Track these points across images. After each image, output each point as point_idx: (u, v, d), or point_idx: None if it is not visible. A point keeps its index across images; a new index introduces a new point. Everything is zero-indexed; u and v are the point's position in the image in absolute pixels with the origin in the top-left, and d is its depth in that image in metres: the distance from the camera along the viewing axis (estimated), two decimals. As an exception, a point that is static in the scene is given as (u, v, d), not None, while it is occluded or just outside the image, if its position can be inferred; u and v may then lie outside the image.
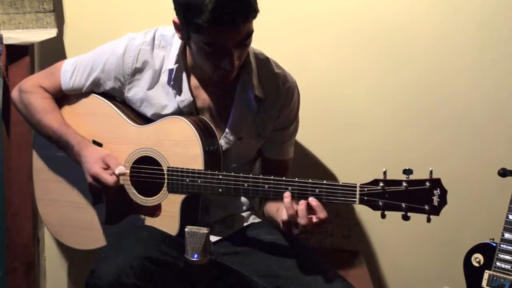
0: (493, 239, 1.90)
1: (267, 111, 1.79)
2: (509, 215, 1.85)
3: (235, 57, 1.59)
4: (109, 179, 1.69)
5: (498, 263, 1.87)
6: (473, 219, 2.22)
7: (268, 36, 2.11)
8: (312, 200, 1.55)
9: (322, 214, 1.55)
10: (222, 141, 1.76)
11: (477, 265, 1.91)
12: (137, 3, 2.16)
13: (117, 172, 1.71)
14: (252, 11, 1.54)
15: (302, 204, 1.55)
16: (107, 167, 1.72)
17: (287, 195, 1.57)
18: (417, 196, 1.49)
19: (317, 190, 1.57)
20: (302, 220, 1.55)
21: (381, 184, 1.51)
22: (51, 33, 2.12)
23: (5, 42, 2.10)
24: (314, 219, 1.55)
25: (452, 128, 2.18)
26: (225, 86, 1.75)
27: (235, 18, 1.51)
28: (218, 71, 1.63)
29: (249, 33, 1.59)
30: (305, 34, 2.16)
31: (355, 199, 1.54)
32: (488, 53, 2.13)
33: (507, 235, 1.86)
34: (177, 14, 1.59)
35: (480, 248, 1.92)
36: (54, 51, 2.17)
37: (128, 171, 1.74)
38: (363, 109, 2.20)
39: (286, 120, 1.83)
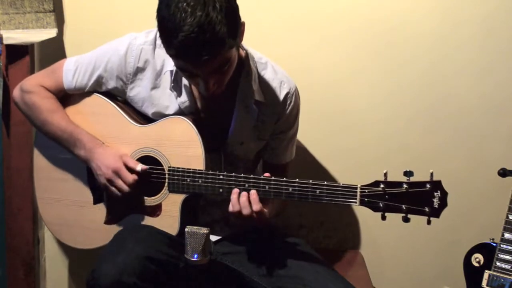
0: (493, 239, 1.90)
1: (266, 115, 1.79)
2: (509, 215, 1.86)
3: (211, 83, 1.58)
4: (129, 176, 1.69)
5: (498, 263, 1.87)
6: (473, 219, 2.22)
7: (268, 36, 2.12)
8: (253, 194, 1.61)
9: (256, 206, 1.60)
10: (224, 147, 1.76)
11: (477, 265, 1.91)
12: (137, 3, 2.16)
13: (139, 168, 1.71)
14: (220, 46, 1.49)
15: (243, 196, 1.61)
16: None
17: (235, 191, 1.62)
18: (418, 198, 1.49)
19: (317, 191, 1.57)
20: (244, 211, 1.60)
21: (382, 185, 1.51)
22: (51, 33, 2.12)
23: (5, 42, 2.09)
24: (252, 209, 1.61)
25: (452, 128, 2.18)
26: (226, 90, 1.74)
27: (201, 54, 1.48)
28: (199, 88, 1.64)
29: (224, 61, 1.55)
30: (305, 34, 2.16)
31: (355, 200, 1.54)
32: (488, 53, 2.13)
33: (507, 235, 1.86)
34: None
35: (480, 248, 1.92)
36: (54, 51, 2.17)
37: (148, 167, 1.73)
38: (362, 109, 2.20)
39: (284, 124, 1.83)
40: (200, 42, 1.46)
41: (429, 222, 1.50)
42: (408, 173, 1.49)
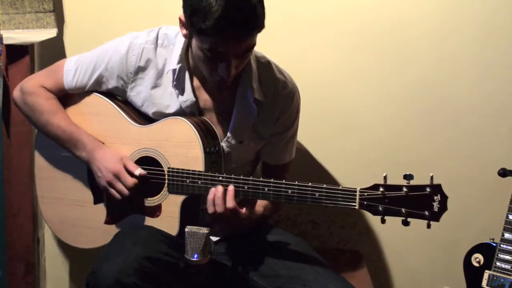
0: (493, 239, 1.90)
1: (266, 114, 1.79)
2: (509, 215, 1.85)
3: (233, 65, 1.59)
4: (129, 180, 1.70)
5: (498, 263, 1.87)
6: (473, 219, 2.22)
7: (269, 36, 2.10)
8: (230, 190, 1.61)
9: (230, 203, 1.60)
10: (223, 145, 1.76)
11: (477, 265, 1.91)
12: (137, 3, 2.16)
13: (137, 172, 1.70)
14: (257, 25, 1.53)
15: (218, 192, 1.61)
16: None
17: (211, 191, 1.62)
18: (417, 201, 1.48)
19: (317, 194, 1.56)
20: (218, 208, 1.61)
21: (381, 189, 1.51)
22: (51, 33, 2.12)
23: (5, 42, 2.10)
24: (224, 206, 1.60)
25: (452, 129, 2.18)
26: (227, 87, 1.75)
27: (239, 31, 1.51)
28: (215, 75, 1.64)
29: (252, 45, 1.58)
30: (305, 34, 2.16)
31: (355, 204, 1.54)
32: (488, 53, 2.13)
33: (507, 235, 1.86)
34: (184, 12, 1.58)
35: (480, 248, 1.92)
36: (54, 51, 2.17)
37: (146, 172, 1.73)
38: (362, 110, 2.20)
39: (284, 125, 1.83)
40: (241, 18, 1.49)
41: (429, 226, 1.49)
42: (408, 177, 1.48)
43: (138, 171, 1.71)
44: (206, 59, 1.60)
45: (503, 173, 1.86)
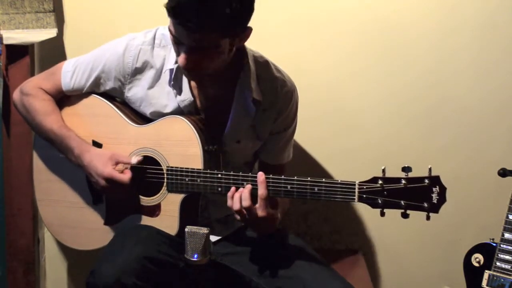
0: (493, 239, 1.90)
1: (264, 114, 1.78)
2: (509, 215, 1.85)
3: (190, 58, 1.56)
4: (124, 177, 1.69)
5: (498, 263, 1.87)
6: (473, 219, 2.22)
7: (269, 36, 2.12)
8: (246, 188, 1.59)
9: (245, 202, 1.58)
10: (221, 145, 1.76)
11: (477, 265, 1.91)
12: (137, 3, 2.16)
13: (134, 161, 1.70)
14: (214, 27, 1.49)
15: (238, 192, 1.60)
16: (115, 165, 1.71)
17: (233, 189, 1.61)
18: (416, 193, 1.49)
19: (316, 188, 1.57)
20: (235, 206, 1.59)
21: (380, 181, 1.51)
22: (51, 33, 2.12)
23: (5, 42, 2.10)
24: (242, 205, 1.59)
25: (452, 128, 2.18)
26: (224, 87, 1.74)
27: (190, 23, 1.47)
28: (177, 59, 1.63)
29: (212, 45, 1.54)
30: (305, 34, 2.16)
31: (354, 197, 1.54)
32: (488, 53, 2.13)
33: (507, 235, 1.86)
34: None
35: (480, 248, 1.92)
36: (54, 51, 2.17)
37: (142, 158, 1.73)
38: (362, 110, 2.20)
39: (283, 124, 1.83)
40: (195, 11, 1.45)
41: (428, 218, 1.49)
42: (406, 169, 1.49)
43: (135, 158, 1.71)
44: (172, 41, 1.60)
45: (503, 173, 1.86)
